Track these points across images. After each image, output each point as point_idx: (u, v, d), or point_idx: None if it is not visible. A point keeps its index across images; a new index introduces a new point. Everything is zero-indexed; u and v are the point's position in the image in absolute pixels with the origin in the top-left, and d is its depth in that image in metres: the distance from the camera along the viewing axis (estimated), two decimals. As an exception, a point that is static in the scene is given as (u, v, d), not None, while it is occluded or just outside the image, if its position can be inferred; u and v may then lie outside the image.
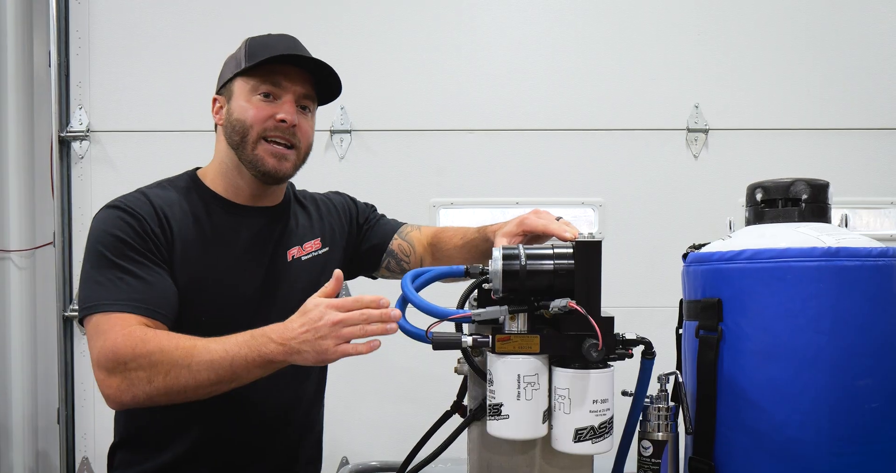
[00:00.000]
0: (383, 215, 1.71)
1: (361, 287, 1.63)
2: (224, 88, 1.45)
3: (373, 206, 1.72)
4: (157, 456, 1.40)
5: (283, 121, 1.38)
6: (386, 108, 2.82)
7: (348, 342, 1.12)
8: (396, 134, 2.86)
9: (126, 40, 2.87)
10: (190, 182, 1.47)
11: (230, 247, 1.43)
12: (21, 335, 2.92)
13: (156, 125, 2.86)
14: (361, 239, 1.65)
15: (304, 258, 1.51)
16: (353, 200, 1.70)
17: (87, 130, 2.87)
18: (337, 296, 1.18)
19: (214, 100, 1.47)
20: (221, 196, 1.46)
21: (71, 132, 2.86)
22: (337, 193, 1.71)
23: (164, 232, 1.36)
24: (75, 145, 2.87)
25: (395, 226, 1.67)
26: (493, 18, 2.87)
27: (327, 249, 1.56)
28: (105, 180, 2.88)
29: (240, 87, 1.41)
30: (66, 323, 2.87)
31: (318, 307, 1.13)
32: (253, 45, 1.41)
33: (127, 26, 2.87)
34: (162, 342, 1.20)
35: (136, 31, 2.87)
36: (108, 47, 2.87)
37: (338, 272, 1.18)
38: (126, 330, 1.23)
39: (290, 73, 1.40)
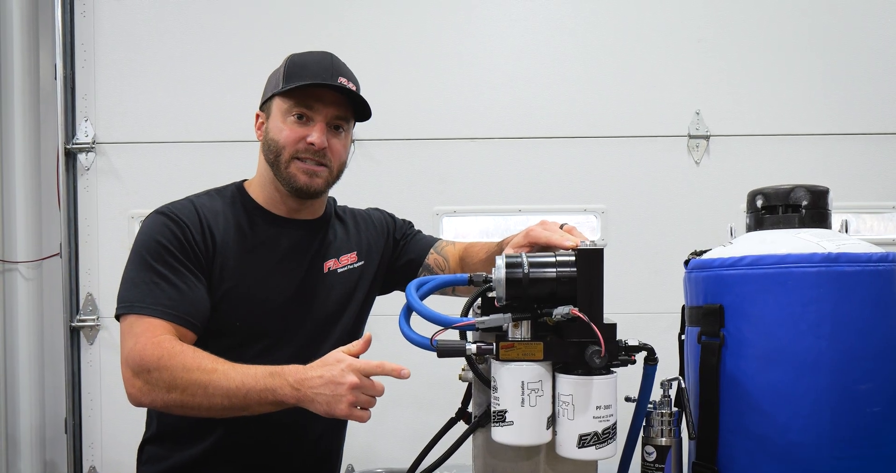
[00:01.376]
0: (419, 231, 1.76)
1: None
2: (265, 105, 1.51)
3: (410, 222, 1.77)
4: (185, 451, 1.46)
5: (312, 144, 1.44)
6: (389, 117, 2.82)
7: (358, 406, 1.16)
8: (399, 143, 2.87)
9: (131, 53, 2.90)
10: (236, 193, 1.54)
11: (269, 257, 1.49)
12: (28, 346, 2.93)
13: (160, 136, 2.88)
14: (398, 254, 1.70)
15: (339, 270, 1.57)
16: (391, 216, 1.76)
17: (93, 142, 2.89)
18: None
19: (257, 115, 1.54)
20: (263, 207, 1.53)
21: (77, 144, 2.89)
22: (376, 209, 1.76)
23: (205, 241, 1.43)
24: (81, 157, 2.90)
25: (431, 241, 1.71)
26: (494, 27, 2.89)
27: (363, 262, 1.62)
28: (111, 190, 2.90)
29: (277, 106, 1.47)
30: (73, 333, 2.89)
31: (339, 364, 1.16)
32: (291, 65, 1.47)
33: (131, 39, 2.90)
34: (187, 359, 1.25)
35: (141, 44, 2.90)
36: (112, 60, 2.90)
37: (367, 335, 1.22)
38: (156, 338, 1.29)
39: (323, 95, 1.45)
